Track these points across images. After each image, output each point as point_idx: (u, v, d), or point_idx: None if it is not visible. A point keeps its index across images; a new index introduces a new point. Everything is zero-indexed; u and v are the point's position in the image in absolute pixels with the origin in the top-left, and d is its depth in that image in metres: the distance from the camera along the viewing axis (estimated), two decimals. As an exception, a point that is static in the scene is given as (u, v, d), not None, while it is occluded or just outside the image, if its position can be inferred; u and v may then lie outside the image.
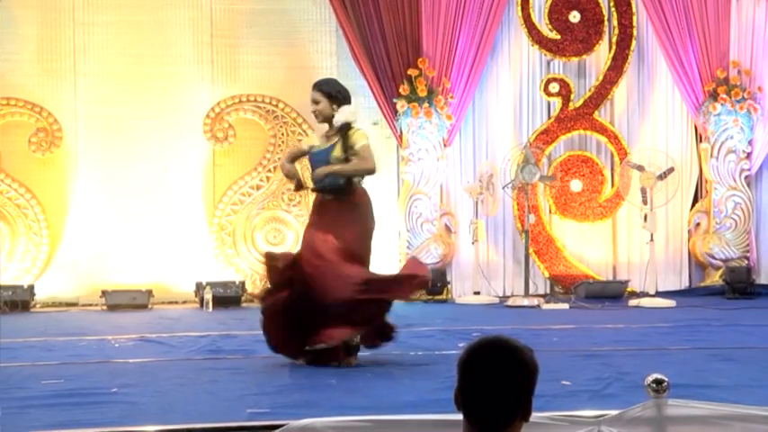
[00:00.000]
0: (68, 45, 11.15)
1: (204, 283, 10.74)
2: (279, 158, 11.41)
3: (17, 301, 10.47)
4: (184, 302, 11.05)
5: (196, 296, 10.89)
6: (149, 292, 10.81)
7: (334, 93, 6.95)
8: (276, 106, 11.45)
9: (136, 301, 10.68)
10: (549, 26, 11.73)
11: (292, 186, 7.54)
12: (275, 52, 11.49)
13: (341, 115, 6.88)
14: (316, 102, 6.95)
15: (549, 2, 11.73)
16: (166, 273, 11.12)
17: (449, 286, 11.43)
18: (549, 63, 11.84)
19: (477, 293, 11.26)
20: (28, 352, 7.50)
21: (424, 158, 11.36)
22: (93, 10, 11.17)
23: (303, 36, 11.58)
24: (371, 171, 6.95)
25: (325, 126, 7.03)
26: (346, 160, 6.82)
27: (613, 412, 4.44)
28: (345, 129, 6.88)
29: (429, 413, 4.72)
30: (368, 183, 11.42)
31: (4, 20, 11.04)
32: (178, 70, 11.33)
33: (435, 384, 5.83)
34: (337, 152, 6.83)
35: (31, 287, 10.71)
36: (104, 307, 10.67)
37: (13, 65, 11.07)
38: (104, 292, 10.72)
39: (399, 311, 10.16)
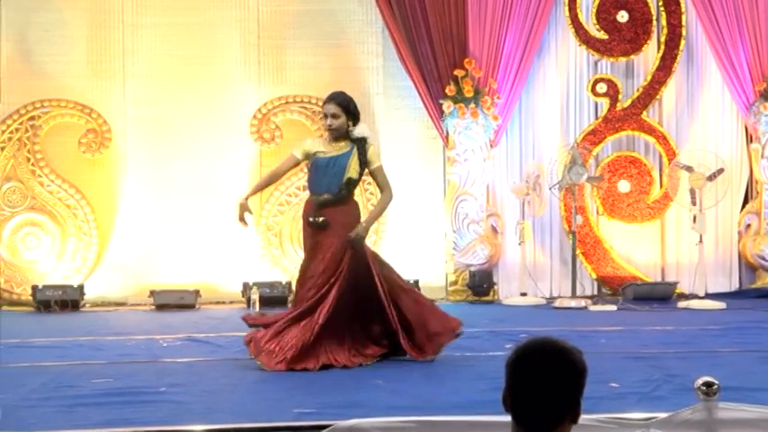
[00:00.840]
0: (117, 47, 11.24)
1: (251, 284, 10.76)
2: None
3: (67, 301, 10.57)
4: (231, 302, 11.10)
5: (243, 296, 10.93)
6: (197, 292, 10.88)
7: (352, 109, 7.00)
8: (322, 107, 11.44)
9: (183, 301, 10.74)
10: (597, 26, 11.65)
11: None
12: (322, 53, 11.51)
13: (359, 130, 6.99)
14: (335, 116, 6.95)
15: (597, 2, 11.65)
16: (214, 273, 11.18)
17: (495, 287, 11.38)
18: (596, 63, 11.76)
19: (523, 294, 11.21)
20: (78, 351, 7.58)
21: (471, 159, 11.33)
22: (142, 12, 11.25)
23: (349, 37, 11.59)
24: (391, 199, 7.18)
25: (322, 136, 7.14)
26: (360, 173, 6.96)
27: (662, 415, 4.40)
28: (362, 143, 6.95)
29: (476, 414, 4.71)
30: (413, 183, 11.48)
31: (54, 22, 11.15)
32: (225, 71, 11.39)
33: (482, 385, 5.81)
34: (354, 164, 6.93)
35: (81, 287, 10.81)
36: (152, 307, 10.75)
37: (63, 66, 11.17)
38: (152, 292, 10.80)
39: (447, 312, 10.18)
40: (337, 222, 6.88)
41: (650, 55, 11.77)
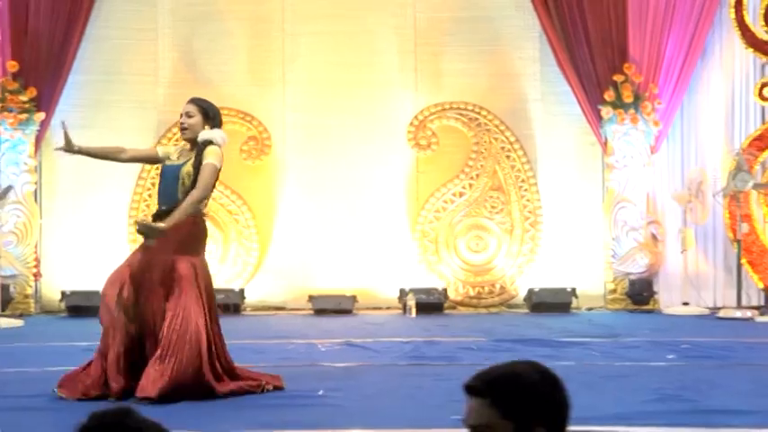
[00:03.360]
0: (278, 55, 11.45)
1: (407, 290, 10.83)
2: (481, 166, 11.40)
3: (229, 305, 10.81)
4: (388, 308, 11.16)
5: (399, 302, 10.99)
6: (354, 298, 10.98)
7: (211, 113, 6.35)
8: (479, 113, 11.44)
9: (341, 306, 10.86)
10: (765, 28, 11.27)
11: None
12: (478, 59, 11.48)
13: (209, 134, 6.21)
14: (189, 115, 6.26)
15: (765, 3, 11.28)
16: (370, 278, 11.26)
17: (655, 296, 11.16)
18: (763, 66, 11.38)
19: (685, 304, 10.93)
20: (239, 354, 7.70)
21: (630, 165, 11.13)
22: (302, 20, 11.44)
23: (506, 43, 11.53)
24: (202, 199, 6.11)
25: (187, 144, 6.36)
26: (195, 178, 6.10)
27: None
28: (204, 145, 6.18)
29: (637, 425, 4.62)
30: (570, 190, 11.33)
31: (218, 32, 11.43)
32: (383, 78, 11.47)
33: (643, 396, 5.68)
34: (188, 167, 6.15)
35: (242, 291, 11.04)
36: (311, 311, 10.89)
37: (225, 75, 11.44)
38: (311, 297, 10.94)
39: (604, 321, 10.03)
40: (169, 239, 5.92)
41: (822, 57, 11.33)
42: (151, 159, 6.64)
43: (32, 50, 10.93)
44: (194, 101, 6.37)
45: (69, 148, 6.25)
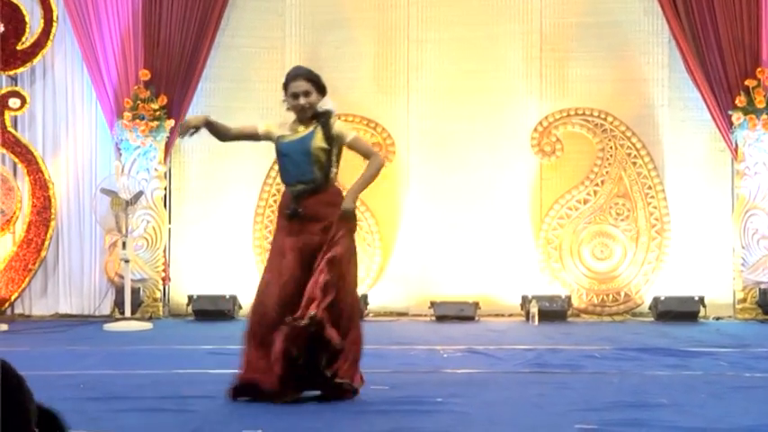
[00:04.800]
0: (403, 62, 11.51)
1: (530, 297, 10.76)
2: (606, 172, 11.26)
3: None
4: (510, 315, 11.11)
5: (522, 309, 10.92)
6: (476, 304, 10.95)
7: (322, 84, 6.14)
8: (605, 119, 11.30)
9: (463, 313, 10.84)
10: None
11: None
12: (604, 65, 11.34)
13: (326, 104, 6.11)
14: (307, 93, 6.03)
15: None
16: (493, 285, 11.22)
17: (788, 306, 10.85)
18: None
19: (819, 314, 10.62)
20: (364, 359, 7.77)
21: (761, 172, 10.85)
22: (427, 27, 11.48)
23: (634, 48, 11.36)
24: (383, 164, 6.39)
25: (290, 116, 6.18)
26: (329, 150, 6.05)
27: None
28: (326, 117, 6.08)
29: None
30: (699, 197, 11.11)
31: (344, 40, 11.54)
32: (507, 85, 11.43)
33: (774, 409, 5.54)
34: (319, 141, 6.02)
35: (365, 296, 11.10)
36: (432, 317, 10.91)
37: (350, 82, 11.53)
38: (433, 303, 10.96)
39: (733, 331, 9.79)
40: (320, 215, 6.02)
41: None
42: (253, 136, 6.33)
43: (164, 60, 11.21)
44: (302, 76, 6.11)
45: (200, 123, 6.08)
